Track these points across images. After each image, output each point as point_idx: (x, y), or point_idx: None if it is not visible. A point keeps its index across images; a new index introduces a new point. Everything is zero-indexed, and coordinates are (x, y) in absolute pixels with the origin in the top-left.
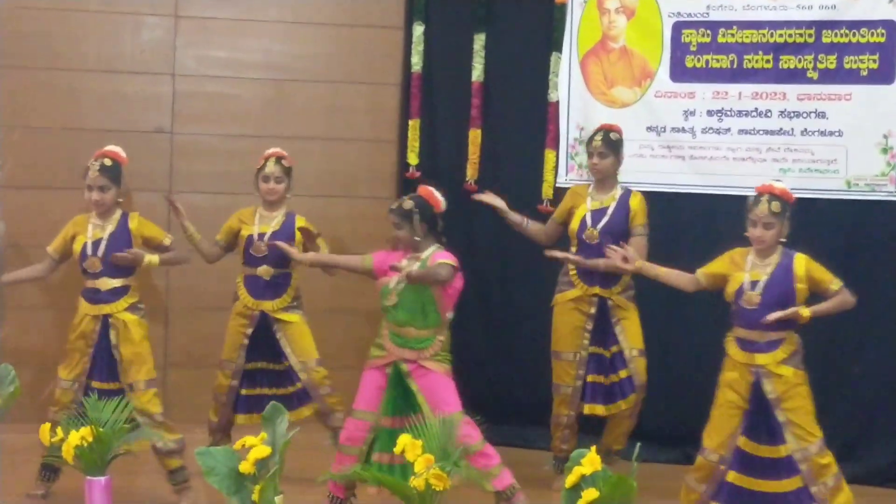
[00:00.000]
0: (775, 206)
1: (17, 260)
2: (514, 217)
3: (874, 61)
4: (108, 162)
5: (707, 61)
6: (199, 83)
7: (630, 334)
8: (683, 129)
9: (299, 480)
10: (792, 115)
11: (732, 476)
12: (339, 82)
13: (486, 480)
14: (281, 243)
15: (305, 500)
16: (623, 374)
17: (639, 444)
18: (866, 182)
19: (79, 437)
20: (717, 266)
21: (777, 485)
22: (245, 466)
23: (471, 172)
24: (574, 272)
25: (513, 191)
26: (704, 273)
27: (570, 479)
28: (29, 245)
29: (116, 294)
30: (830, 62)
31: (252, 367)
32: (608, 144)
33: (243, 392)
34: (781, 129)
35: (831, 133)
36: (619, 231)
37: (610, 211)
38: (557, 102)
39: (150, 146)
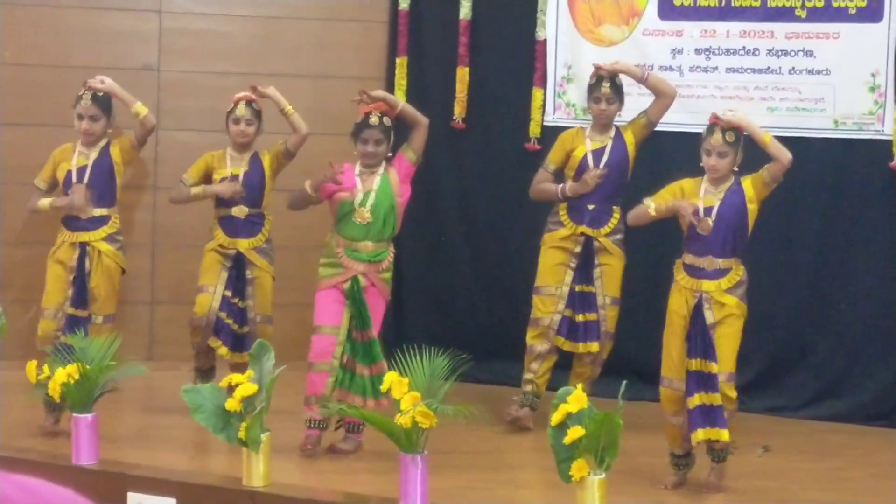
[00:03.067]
0: (729, 135)
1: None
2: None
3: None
4: (100, 92)
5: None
6: (187, 20)
7: (607, 280)
8: (671, 68)
9: (287, 417)
10: (780, 53)
11: (699, 397)
12: (327, 20)
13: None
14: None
15: (293, 436)
16: (591, 316)
17: (625, 382)
18: (854, 121)
19: (65, 374)
20: (666, 194)
21: (707, 397)
22: (231, 404)
23: (458, 110)
24: (564, 212)
25: (500, 129)
26: (653, 203)
27: (556, 417)
28: (13, 182)
29: (96, 223)
30: (818, 0)
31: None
32: (616, 90)
33: (236, 329)
34: (769, 67)
35: (819, 72)
36: (620, 167)
37: (608, 149)
38: (545, 41)
39: (137, 83)
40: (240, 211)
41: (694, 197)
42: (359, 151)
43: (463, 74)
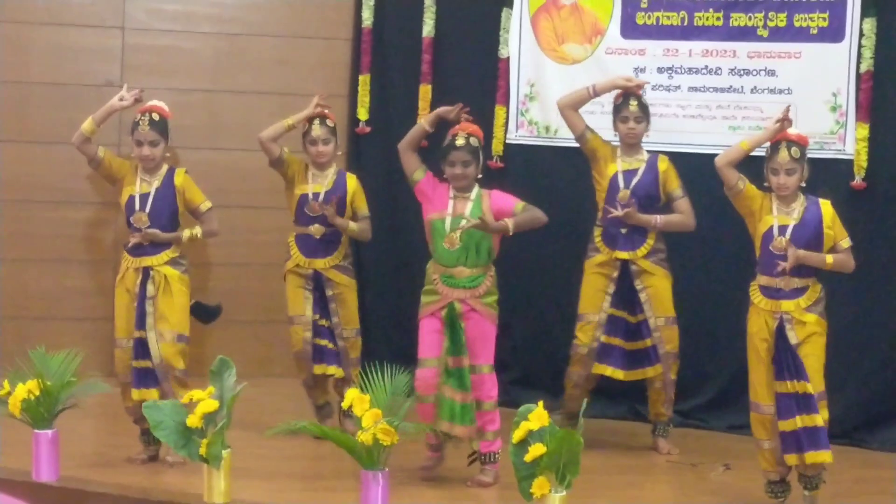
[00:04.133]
0: (795, 151)
1: None
2: None
3: (824, 19)
4: (156, 116)
5: (658, 18)
6: (150, 36)
7: (656, 302)
8: None
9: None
10: (742, 72)
11: (788, 424)
12: (291, 37)
13: (477, 439)
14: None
15: (255, 453)
16: (648, 342)
17: (586, 400)
18: (815, 140)
19: (26, 390)
20: (754, 191)
21: (809, 419)
22: (193, 420)
23: None
24: (599, 238)
25: None
26: (749, 185)
27: (517, 434)
28: None
29: (159, 247)
30: (780, 20)
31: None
32: (643, 109)
33: (317, 342)
34: (731, 86)
35: (781, 91)
36: (648, 193)
37: (640, 172)
38: (508, 59)
39: (99, 100)
40: (316, 230)
41: (768, 214)
42: (446, 174)
43: (426, 92)
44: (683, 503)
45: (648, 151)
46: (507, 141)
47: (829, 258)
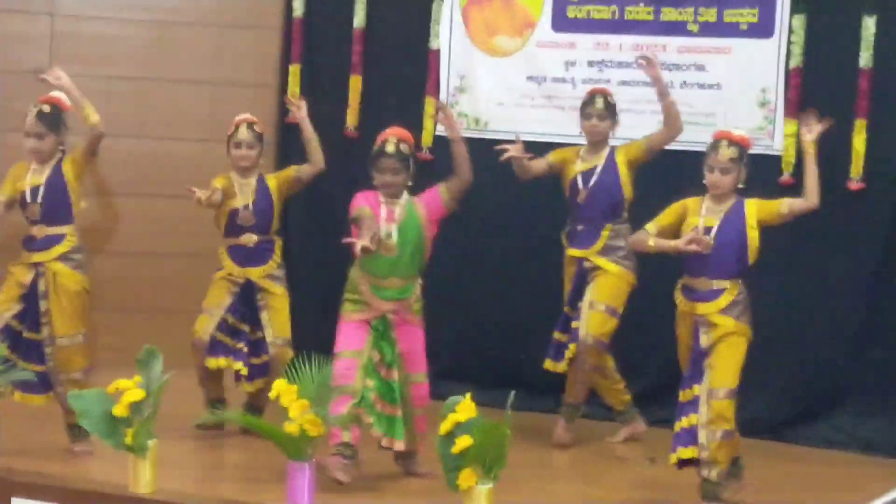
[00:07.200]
0: (733, 151)
1: None
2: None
3: (754, 15)
4: (46, 108)
5: (588, 12)
6: (79, 23)
7: (598, 289)
8: (564, 80)
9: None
10: (672, 67)
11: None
12: (222, 26)
13: (413, 440)
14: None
15: (181, 446)
16: (574, 325)
17: (513, 392)
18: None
19: None
20: (665, 218)
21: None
22: (118, 410)
23: (351, 119)
24: (564, 236)
25: None
26: (654, 227)
27: (444, 426)
28: None
29: (50, 242)
30: (711, 15)
31: (234, 324)
32: (608, 107)
33: (218, 337)
34: None
35: (710, 86)
36: (608, 189)
37: (598, 170)
38: (438, 50)
39: (28, 87)
40: (248, 239)
41: (694, 215)
42: (375, 181)
43: (356, 83)
44: (611, 498)
45: (612, 147)
46: (437, 133)
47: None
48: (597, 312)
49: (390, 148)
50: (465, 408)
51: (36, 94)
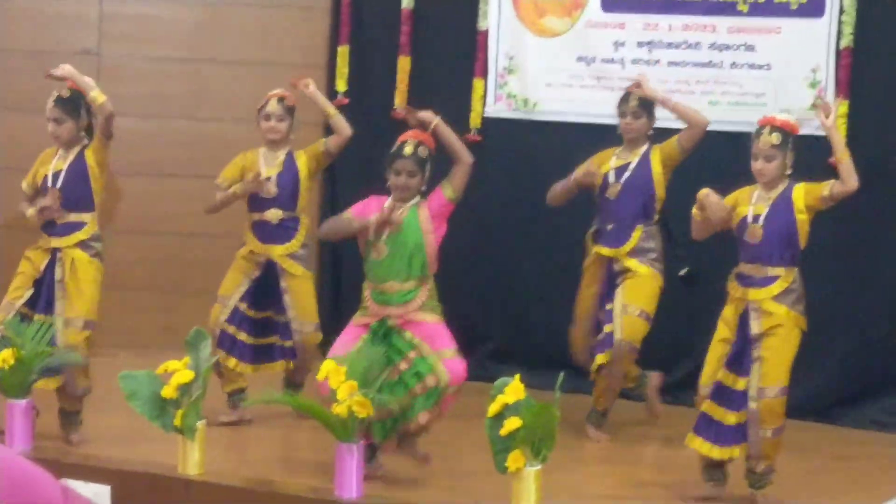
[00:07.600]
0: (776, 137)
1: None
2: None
3: None
4: (65, 93)
5: None
6: (128, 4)
7: (629, 291)
8: (613, 60)
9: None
10: (721, 47)
11: (706, 405)
12: (269, 6)
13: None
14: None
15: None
16: (607, 328)
17: (562, 374)
18: (794, 116)
19: (0, 359)
20: (728, 201)
21: (735, 416)
22: (168, 391)
23: (399, 100)
24: (589, 235)
25: (441, 120)
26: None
27: (493, 408)
28: None
29: (69, 229)
30: None
31: (261, 317)
32: (643, 105)
33: (250, 341)
34: (711, 61)
35: (760, 66)
36: (641, 185)
37: (632, 166)
38: (487, 31)
39: (76, 67)
40: (273, 215)
41: (745, 204)
42: (390, 182)
43: (404, 64)
44: (658, 479)
45: (650, 145)
46: (486, 114)
47: (846, 155)
48: (631, 317)
49: (408, 150)
50: (513, 389)
51: (84, 75)
